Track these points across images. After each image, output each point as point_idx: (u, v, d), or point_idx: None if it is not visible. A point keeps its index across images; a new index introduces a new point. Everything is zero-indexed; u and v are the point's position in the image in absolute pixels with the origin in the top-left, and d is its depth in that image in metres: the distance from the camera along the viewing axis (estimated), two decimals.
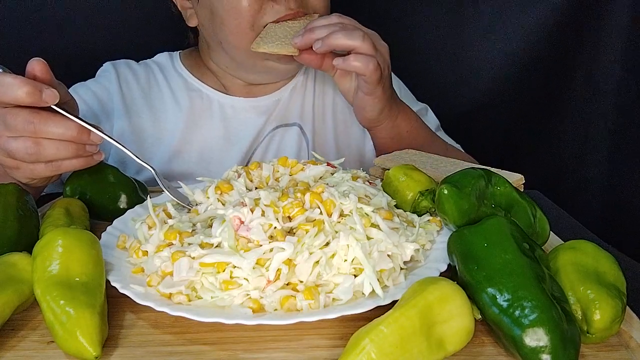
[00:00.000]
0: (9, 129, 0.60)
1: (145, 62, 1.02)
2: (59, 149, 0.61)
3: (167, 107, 0.96)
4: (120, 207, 0.67)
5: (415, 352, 0.39)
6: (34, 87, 0.57)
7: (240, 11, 0.82)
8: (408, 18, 1.23)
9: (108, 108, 0.95)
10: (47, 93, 0.58)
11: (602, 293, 0.44)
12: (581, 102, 1.24)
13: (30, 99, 0.57)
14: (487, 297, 0.43)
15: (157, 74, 0.99)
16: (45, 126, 0.59)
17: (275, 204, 0.53)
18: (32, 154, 0.60)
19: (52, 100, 0.58)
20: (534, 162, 1.30)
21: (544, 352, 0.39)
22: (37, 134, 0.60)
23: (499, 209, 0.54)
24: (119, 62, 1.00)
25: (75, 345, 0.42)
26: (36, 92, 0.57)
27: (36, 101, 0.58)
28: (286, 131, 0.98)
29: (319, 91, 1.00)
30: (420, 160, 0.77)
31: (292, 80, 1.00)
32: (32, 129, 0.59)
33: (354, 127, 1.00)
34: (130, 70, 0.99)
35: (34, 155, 0.61)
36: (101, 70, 1.00)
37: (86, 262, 0.48)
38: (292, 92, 0.99)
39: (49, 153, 0.61)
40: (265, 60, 0.87)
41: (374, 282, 0.47)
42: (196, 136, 0.95)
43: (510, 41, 1.22)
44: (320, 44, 0.75)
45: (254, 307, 0.46)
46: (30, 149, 0.60)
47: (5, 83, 0.57)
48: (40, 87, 0.58)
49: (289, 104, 0.99)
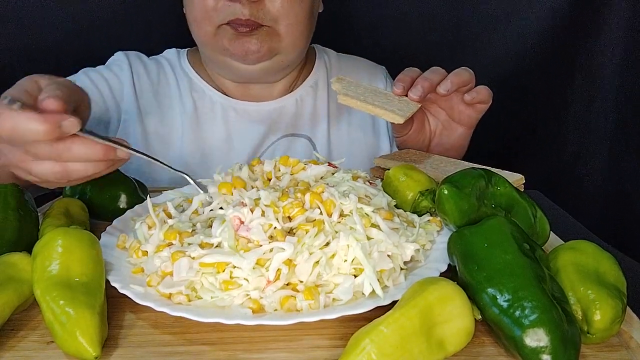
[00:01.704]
0: (33, 153, 0.56)
1: (155, 57, 1.02)
2: (87, 169, 0.57)
3: (174, 105, 0.96)
4: (120, 207, 0.67)
5: (415, 352, 0.39)
6: (52, 125, 0.53)
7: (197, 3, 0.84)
8: (407, 18, 1.23)
9: (118, 96, 0.95)
10: (66, 125, 0.53)
11: (602, 293, 0.44)
12: (581, 102, 1.24)
13: (50, 136, 0.53)
14: (487, 298, 0.43)
15: (168, 71, 0.99)
16: (70, 152, 0.55)
17: (275, 204, 0.53)
18: (61, 178, 0.57)
19: (73, 129, 0.54)
20: (534, 162, 1.30)
21: (545, 352, 0.39)
22: (62, 159, 0.56)
23: (499, 209, 0.54)
24: (130, 53, 1.00)
25: (75, 345, 0.42)
26: (55, 130, 0.53)
27: (57, 136, 0.54)
28: (293, 141, 0.98)
29: (332, 98, 1.01)
30: (420, 160, 0.77)
31: (298, 90, 1.00)
32: (57, 155, 0.56)
33: (368, 132, 1.01)
34: (142, 63, 0.99)
35: (64, 179, 0.57)
36: (113, 59, 0.99)
37: (86, 262, 0.48)
38: (299, 101, 0.99)
39: (77, 175, 0.57)
40: (224, 57, 0.88)
41: (374, 282, 0.47)
42: (199, 138, 0.95)
43: (510, 42, 1.22)
44: (449, 85, 0.77)
45: (253, 308, 0.46)
46: (58, 173, 0.56)
47: (22, 125, 0.52)
48: (59, 121, 0.53)
49: (296, 113, 0.99)
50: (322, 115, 1.01)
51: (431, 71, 0.79)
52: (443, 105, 0.84)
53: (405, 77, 0.78)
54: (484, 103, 0.81)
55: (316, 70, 1.03)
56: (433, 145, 0.88)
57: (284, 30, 0.86)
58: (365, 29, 1.23)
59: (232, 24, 0.83)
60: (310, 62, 1.04)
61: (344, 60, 1.08)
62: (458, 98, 0.81)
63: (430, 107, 0.86)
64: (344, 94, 0.72)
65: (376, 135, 1.04)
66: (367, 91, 0.75)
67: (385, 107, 0.70)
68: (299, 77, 1.01)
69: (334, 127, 1.01)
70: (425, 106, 0.85)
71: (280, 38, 0.86)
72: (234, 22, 0.83)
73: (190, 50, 1.03)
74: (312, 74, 1.02)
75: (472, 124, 0.85)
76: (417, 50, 1.23)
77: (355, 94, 0.72)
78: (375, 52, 1.13)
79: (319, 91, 1.02)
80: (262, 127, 0.96)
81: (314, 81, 1.02)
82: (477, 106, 0.81)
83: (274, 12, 0.84)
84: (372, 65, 1.09)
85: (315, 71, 1.03)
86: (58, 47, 1.10)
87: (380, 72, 1.08)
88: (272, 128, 0.97)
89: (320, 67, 1.04)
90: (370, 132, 1.03)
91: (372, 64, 1.09)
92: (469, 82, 0.79)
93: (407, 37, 1.23)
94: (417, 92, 0.76)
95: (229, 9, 0.82)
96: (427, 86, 0.77)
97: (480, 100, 0.80)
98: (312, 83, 1.02)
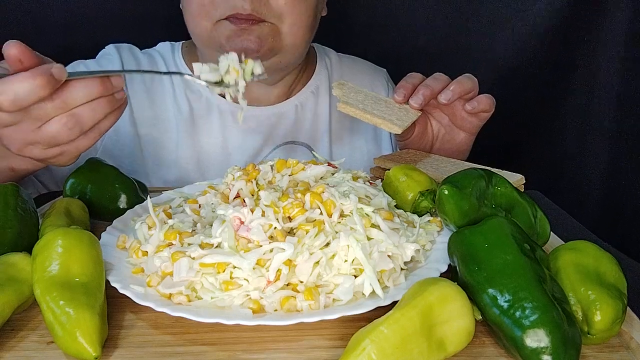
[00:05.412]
0: (39, 118, 0.55)
1: (148, 51, 0.98)
2: (94, 109, 0.56)
3: (168, 105, 0.93)
4: (120, 207, 0.67)
5: (415, 352, 0.39)
6: (45, 76, 0.52)
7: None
8: (407, 18, 1.23)
9: None
10: (56, 71, 0.53)
11: (602, 294, 0.44)
12: (581, 102, 1.24)
13: (49, 87, 0.52)
14: (487, 298, 0.43)
15: (161, 66, 0.95)
16: (72, 96, 0.55)
17: (276, 204, 0.53)
18: (73, 127, 0.56)
19: (64, 73, 0.53)
20: (534, 162, 1.30)
21: (545, 353, 0.39)
22: (68, 106, 0.55)
23: (500, 210, 0.54)
24: (122, 46, 0.96)
25: (75, 345, 0.42)
26: (50, 79, 0.52)
27: (54, 86, 0.53)
28: (292, 149, 0.96)
29: (334, 105, 0.98)
30: (420, 161, 0.77)
31: (297, 95, 0.97)
32: (61, 105, 0.54)
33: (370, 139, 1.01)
34: (134, 58, 0.95)
35: (76, 128, 0.56)
36: (103, 52, 0.95)
37: (86, 262, 0.48)
38: (299, 107, 0.97)
39: (88, 118, 0.56)
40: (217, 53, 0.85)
41: (374, 282, 0.47)
42: (195, 143, 0.92)
43: (510, 42, 1.22)
44: (450, 94, 0.76)
45: (254, 308, 0.46)
46: (70, 123, 0.55)
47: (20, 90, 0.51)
48: (48, 70, 0.52)
49: (296, 120, 0.96)
50: (323, 122, 0.98)
51: (433, 78, 0.79)
52: (446, 110, 0.84)
53: (406, 85, 0.78)
54: (485, 112, 0.81)
55: (317, 74, 1.00)
56: (435, 149, 0.88)
57: (286, 29, 0.82)
58: (365, 29, 1.23)
59: (231, 18, 0.79)
60: (311, 65, 1.01)
61: (345, 62, 1.05)
62: (461, 104, 0.80)
63: (433, 112, 0.85)
64: (343, 101, 0.71)
65: (378, 143, 1.03)
66: (367, 98, 0.75)
67: (383, 117, 0.70)
68: (299, 80, 0.98)
69: (335, 134, 0.99)
70: (428, 110, 0.85)
71: (282, 37, 0.82)
72: (234, 17, 0.79)
73: (185, 44, 0.98)
74: (313, 78, 1.00)
75: (474, 130, 0.85)
76: (416, 50, 1.23)
77: (355, 101, 0.72)
78: (375, 52, 1.13)
79: (320, 97, 0.99)
80: (260, 135, 0.94)
81: (315, 86, 0.99)
82: (480, 114, 0.81)
83: (277, 8, 0.80)
84: (374, 68, 1.08)
85: (317, 75, 1.00)
86: (52, 41, 1.10)
87: (382, 75, 1.07)
88: (270, 136, 0.95)
89: (321, 71, 1.01)
90: (372, 140, 1.02)
91: (373, 68, 1.08)
92: (471, 90, 0.78)
93: (407, 37, 1.22)
94: (417, 101, 0.76)
95: (229, 3, 0.78)
96: (428, 94, 0.76)
97: (481, 110, 0.79)
98: (313, 88, 0.99)
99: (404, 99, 0.77)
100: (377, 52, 1.14)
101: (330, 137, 0.99)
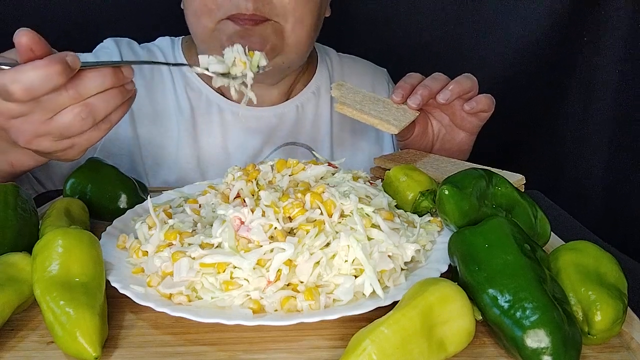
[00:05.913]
0: (51, 108, 0.54)
1: (147, 45, 0.96)
2: (107, 100, 0.56)
3: (168, 103, 0.92)
4: (120, 207, 0.66)
5: (416, 353, 0.39)
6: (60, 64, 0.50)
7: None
8: (408, 18, 1.23)
9: None
10: (70, 59, 0.52)
11: (603, 294, 0.43)
12: (581, 102, 1.24)
13: (65, 75, 0.51)
14: (488, 298, 0.43)
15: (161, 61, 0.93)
16: (85, 86, 0.54)
17: (276, 204, 0.53)
18: (86, 118, 0.55)
19: (78, 62, 0.53)
20: (534, 162, 1.30)
21: (545, 353, 0.39)
22: (82, 96, 0.54)
23: (500, 210, 0.54)
24: (121, 40, 0.94)
25: (75, 345, 0.42)
26: (66, 67, 0.51)
27: (69, 75, 0.52)
28: (293, 150, 0.95)
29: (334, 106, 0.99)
30: (420, 161, 0.77)
31: (298, 96, 0.97)
32: (75, 95, 0.53)
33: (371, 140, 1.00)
34: (133, 53, 0.93)
35: (89, 118, 0.55)
36: (101, 46, 0.94)
37: (86, 262, 0.48)
38: (299, 108, 0.97)
39: (101, 109, 0.56)
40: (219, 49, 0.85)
41: (374, 282, 0.47)
42: (196, 142, 0.92)
43: (510, 42, 1.22)
44: (449, 94, 0.76)
45: (254, 308, 0.46)
46: (83, 113, 0.54)
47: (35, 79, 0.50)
48: (63, 59, 0.51)
49: (296, 121, 0.96)
50: (324, 123, 0.98)
51: (432, 78, 0.78)
52: (445, 110, 0.84)
53: (405, 85, 0.78)
54: (485, 112, 0.81)
55: (318, 75, 1.00)
56: (436, 149, 0.88)
57: (289, 28, 0.81)
58: (366, 29, 1.23)
59: (233, 18, 0.78)
60: (311, 65, 1.00)
61: (346, 63, 1.05)
62: (460, 104, 0.80)
63: (434, 112, 0.85)
64: (341, 102, 0.71)
65: (380, 144, 1.02)
66: (365, 99, 0.75)
67: (381, 117, 0.70)
68: (299, 81, 0.98)
69: (336, 135, 0.99)
70: (429, 110, 0.85)
71: (285, 36, 0.82)
72: (236, 16, 0.78)
73: (185, 39, 0.96)
74: (314, 79, 0.99)
75: (474, 130, 0.85)
76: (416, 50, 1.23)
77: (353, 102, 0.72)
78: (376, 52, 1.13)
79: (321, 98, 0.98)
80: (260, 136, 0.93)
81: (315, 87, 0.98)
82: (479, 114, 0.81)
83: (280, 7, 0.79)
84: (374, 68, 1.07)
85: (317, 75, 0.99)
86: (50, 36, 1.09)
87: (382, 75, 1.07)
88: (271, 137, 0.94)
89: (322, 72, 1.00)
90: (374, 141, 1.02)
91: (374, 68, 1.08)
92: (470, 89, 0.78)
93: (407, 37, 1.22)
94: (415, 101, 0.76)
95: (232, 3, 0.77)
96: (426, 95, 0.76)
97: (480, 110, 0.79)
98: (314, 89, 0.98)
99: (402, 99, 0.76)
100: (378, 51, 1.14)
101: (332, 138, 0.99)
